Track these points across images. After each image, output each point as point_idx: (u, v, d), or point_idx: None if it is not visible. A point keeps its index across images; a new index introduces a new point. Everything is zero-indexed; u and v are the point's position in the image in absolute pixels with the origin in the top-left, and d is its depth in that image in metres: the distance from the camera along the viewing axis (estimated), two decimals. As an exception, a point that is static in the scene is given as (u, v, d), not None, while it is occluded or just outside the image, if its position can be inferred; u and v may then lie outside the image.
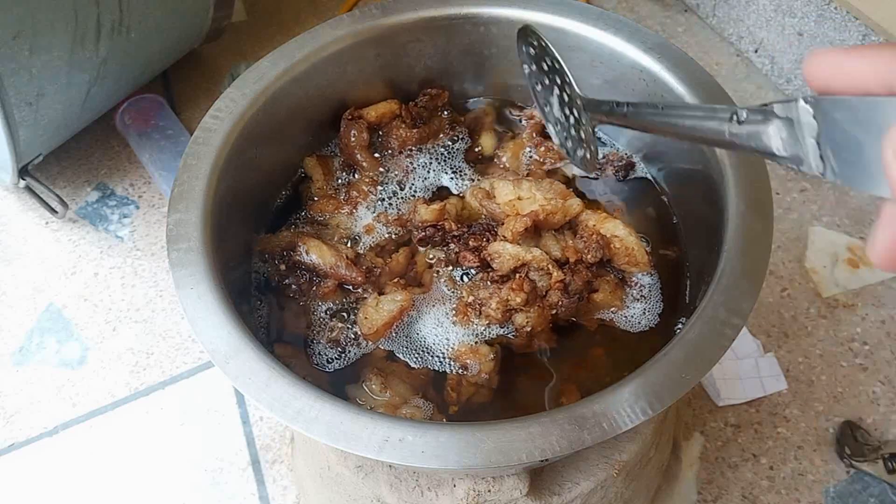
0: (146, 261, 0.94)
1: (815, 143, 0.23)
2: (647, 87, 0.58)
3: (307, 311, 0.56)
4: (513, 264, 0.53)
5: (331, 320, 0.55)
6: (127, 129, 1.01)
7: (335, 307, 0.56)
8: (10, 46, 0.74)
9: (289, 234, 0.58)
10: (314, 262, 0.56)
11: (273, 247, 0.58)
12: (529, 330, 0.52)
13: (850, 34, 0.90)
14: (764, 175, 0.50)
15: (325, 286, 0.55)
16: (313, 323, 0.55)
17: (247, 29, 1.19)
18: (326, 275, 0.56)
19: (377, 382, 0.52)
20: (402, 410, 0.51)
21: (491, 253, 0.54)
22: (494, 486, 0.50)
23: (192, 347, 0.87)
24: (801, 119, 0.24)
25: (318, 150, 0.65)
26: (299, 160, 0.64)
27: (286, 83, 0.58)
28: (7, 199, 1.01)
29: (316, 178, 0.62)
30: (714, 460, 0.76)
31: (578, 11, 0.60)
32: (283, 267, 0.57)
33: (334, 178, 0.63)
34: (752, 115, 0.28)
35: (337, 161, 0.64)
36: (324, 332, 0.55)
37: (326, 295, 0.56)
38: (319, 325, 0.55)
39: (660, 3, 1.19)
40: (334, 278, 0.55)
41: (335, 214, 0.61)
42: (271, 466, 0.78)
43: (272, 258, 0.57)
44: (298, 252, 0.56)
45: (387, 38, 0.62)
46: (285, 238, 0.58)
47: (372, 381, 0.52)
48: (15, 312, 0.90)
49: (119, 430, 0.81)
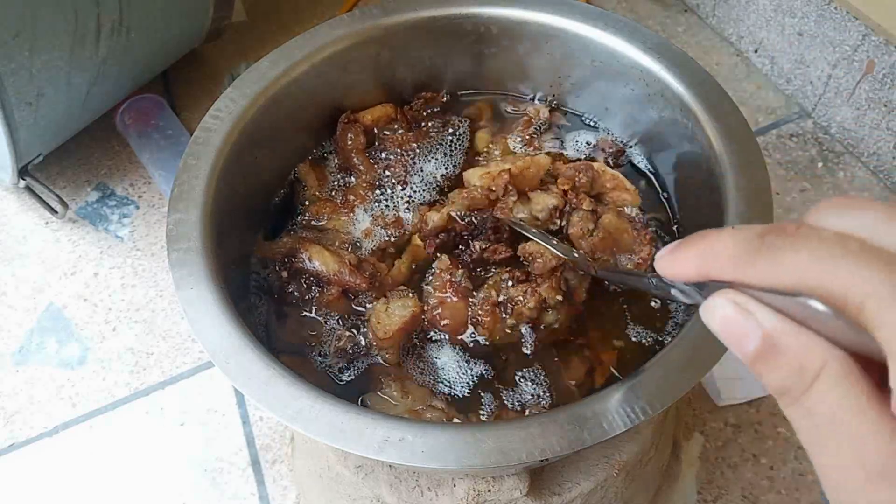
0: (146, 261, 0.94)
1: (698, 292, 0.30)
2: (647, 88, 0.59)
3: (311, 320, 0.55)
4: (554, 264, 0.53)
5: (339, 328, 0.55)
6: (127, 129, 1.01)
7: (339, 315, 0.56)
8: (10, 46, 0.74)
9: (289, 240, 0.58)
10: (317, 269, 0.55)
11: (273, 253, 0.57)
12: (557, 328, 0.53)
13: (849, 34, 0.90)
14: (764, 175, 0.50)
15: (330, 293, 0.55)
16: (318, 331, 0.55)
17: (247, 29, 1.19)
18: (330, 281, 0.55)
19: (397, 388, 0.51)
20: (426, 415, 0.51)
21: (532, 252, 0.54)
22: (494, 486, 0.50)
23: (192, 347, 0.87)
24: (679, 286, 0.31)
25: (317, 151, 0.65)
26: (299, 160, 0.63)
27: (286, 83, 0.59)
28: (7, 199, 1.01)
29: (309, 184, 0.62)
30: (714, 460, 0.76)
31: (578, 11, 0.60)
32: (284, 274, 0.56)
33: (329, 182, 0.63)
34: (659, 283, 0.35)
35: (333, 163, 0.64)
36: (330, 342, 0.54)
37: (331, 303, 0.55)
38: (325, 334, 0.55)
39: (660, 3, 1.19)
40: (338, 285, 0.55)
41: (332, 217, 0.60)
42: (271, 466, 0.78)
43: (273, 265, 0.57)
44: (300, 259, 0.56)
45: (386, 38, 0.62)
46: (286, 244, 0.57)
47: (392, 387, 0.52)
48: (15, 312, 0.90)
49: (119, 430, 0.81)
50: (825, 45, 0.94)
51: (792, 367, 0.23)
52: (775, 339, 0.24)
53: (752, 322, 0.24)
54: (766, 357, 0.24)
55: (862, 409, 0.22)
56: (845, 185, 0.94)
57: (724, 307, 0.25)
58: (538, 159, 0.59)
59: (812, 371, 0.23)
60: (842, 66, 0.93)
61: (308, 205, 0.61)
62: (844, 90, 0.94)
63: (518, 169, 0.57)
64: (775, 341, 0.24)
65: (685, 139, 0.56)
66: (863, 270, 0.22)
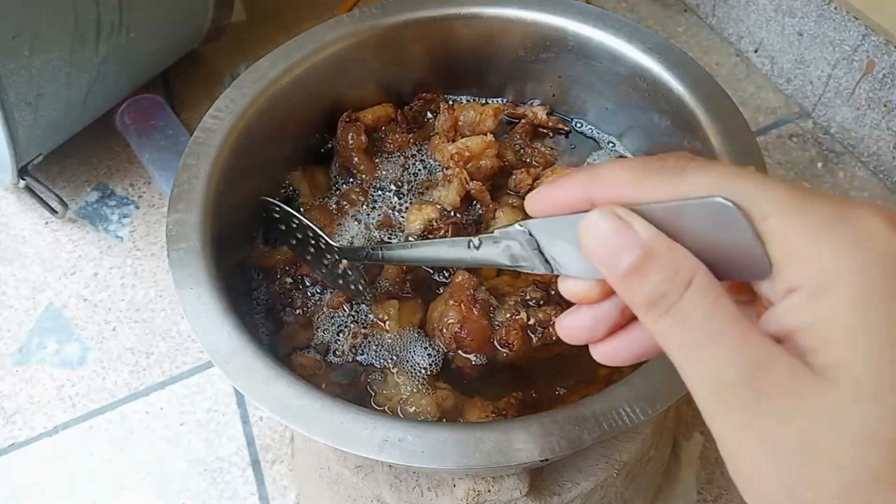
0: (146, 261, 0.94)
1: (538, 253, 0.31)
2: (647, 88, 0.58)
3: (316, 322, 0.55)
4: None
5: (353, 325, 0.55)
6: (127, 129, 1.01)
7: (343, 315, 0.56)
8: (9, 46, 0.74)
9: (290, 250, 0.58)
10: None
11: (275, 262, 0.57)
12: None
13: (849, 34, 0.90)
14: (764, 175, 0.50)
15: (337, 297, 0.55)
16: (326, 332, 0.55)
17: (247, 29, 1.19)
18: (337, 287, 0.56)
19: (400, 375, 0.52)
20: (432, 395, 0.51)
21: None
22: (494, 486, 0.50)
23: (192, 347, 0.87)
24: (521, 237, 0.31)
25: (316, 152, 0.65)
26: (298, 160, 0.63)
27: (286, 83, 0.58)
28: (7, 199, 1.01)
29: (303, 192, 0.62)
30: (714, 460, 0.76)
31: (578, 11, 0.60)
32: (288, 280, 0.56)
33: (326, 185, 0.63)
34: (484, 241, 0.34)
35: (334, 164, 0.64)
36: (345, 339, 0.54)
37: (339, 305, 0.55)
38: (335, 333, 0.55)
39: (660, 3, 1.19)
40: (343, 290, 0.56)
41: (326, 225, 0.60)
42: (271, 466, 0.78)
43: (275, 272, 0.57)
44: (303, 270, 0.56)
45: (387, 38, 0.62)
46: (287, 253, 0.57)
47: (394, 374, 0.52)
48: (15, 312, 0.90)
49: (119, 430, 0.81)
50: (825, 45, 0.94)
51: (667, 272, 0.24)
52: (652, 248, 0.25)
53: (630, 234, 0.25)
54: (641, 268, 0.25)
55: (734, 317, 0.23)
56: (845, 185, 0.94)
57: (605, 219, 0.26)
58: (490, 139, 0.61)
59: (686, 277, 0.24)
60: (842, 66, 0.93)
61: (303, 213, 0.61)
62: (844, 90, 0.94)
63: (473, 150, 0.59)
64: (652, 250, 0.25)
65: (685, 140, 0.56)
66: (769, 187, 0.23)
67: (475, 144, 0.60)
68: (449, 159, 0.60)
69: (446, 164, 0.61)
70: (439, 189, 0.60)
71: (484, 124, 0.63)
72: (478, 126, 0.63)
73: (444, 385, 0.52)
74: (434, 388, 0.51)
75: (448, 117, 0.63)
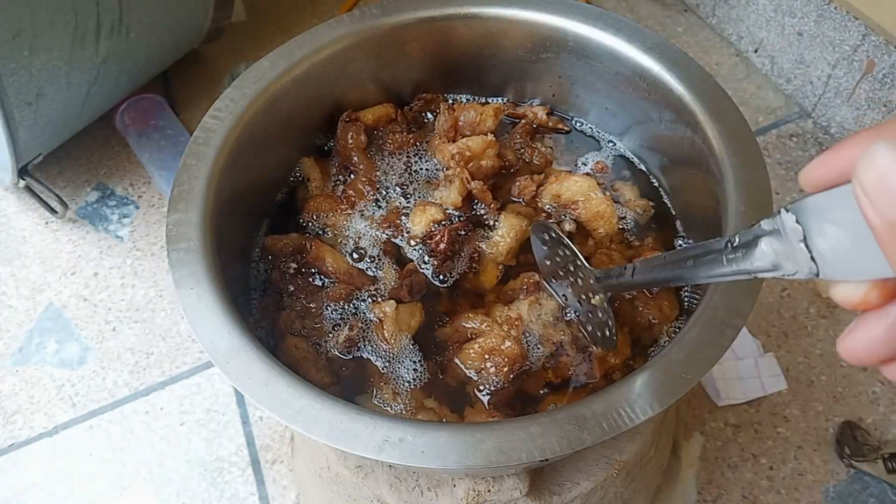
0: (146, 261, 0.94)
1: (804, 247, 0.26)
2: (647, 87, 0.58)
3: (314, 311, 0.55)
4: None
5: (351, 318, 0.55)
6: (127, 129, 1.01)
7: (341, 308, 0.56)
8: (10, 46, 0.74)
9: (298, 236, 0.58)
10: (328, 269, 0.56)
11: (282, 247, 0.57)
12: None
13: (849, 34, 0.90)
14: (764, 175, 0.50)
15: (338, 289, 0.55)
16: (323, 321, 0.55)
17: (247, 29, 1.19)
18: (339, 279, 0.56)
19: (388, 392, 0.52)
20: (419, 415, 0.51)
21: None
22: (494, 486, 0.50)
23: (192, 347, 0.87)
24: (787, 226, 0.26)
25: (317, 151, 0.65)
26: (298, 160, 0.63)
27: (286, 83, 0.58)
28: (7, 199, 1.01)
29: (313, 178, 0.62)
30: (714, 460, 0.76)
31: (578, 11, 0.60)
32: (293, 266, 0.57)
33: (331, 179, 0.63)
34: (743, 236, 0.30)
35: (334, 163, 0.64)
36: (340, 331, 0.54)
37: (339, 297, 0.55)
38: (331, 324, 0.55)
39: (660, 3, 1.19)
40: (345, 283, 0.56)
41: (331, 215, 0.60)
42: (271, 466, 0.78)
43: (281, 258, 0.57)
44: (311, 256, 0.56)
45: (387, 38, 0.62)
46: (295, 240, 0.58)
47: (383, 390, 0.52)
48: (15, 312, 0.90)
49: (119, 430, 0.81)
50: (825, 45, 0.94)
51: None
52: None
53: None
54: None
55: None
56: (845, 185, 0.94)
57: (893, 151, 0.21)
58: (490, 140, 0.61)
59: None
60: (842, 66, 0.93)
61: (307, 200, 0.61)
62: (844, 90, 0.94)
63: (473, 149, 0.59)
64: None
65: (685, 139, 0.56)
66: None
67: (476, 144, 0.60)
68: (450, 159, 0.60)
69: (447, 164, 0.61)
70: (440, 189, 0.60)
71: (484, 124, 0.63)
72: (478, 126, 0.63)
73: (432, 403, 0.52)
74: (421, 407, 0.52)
75: (448, 117, 0.63)
